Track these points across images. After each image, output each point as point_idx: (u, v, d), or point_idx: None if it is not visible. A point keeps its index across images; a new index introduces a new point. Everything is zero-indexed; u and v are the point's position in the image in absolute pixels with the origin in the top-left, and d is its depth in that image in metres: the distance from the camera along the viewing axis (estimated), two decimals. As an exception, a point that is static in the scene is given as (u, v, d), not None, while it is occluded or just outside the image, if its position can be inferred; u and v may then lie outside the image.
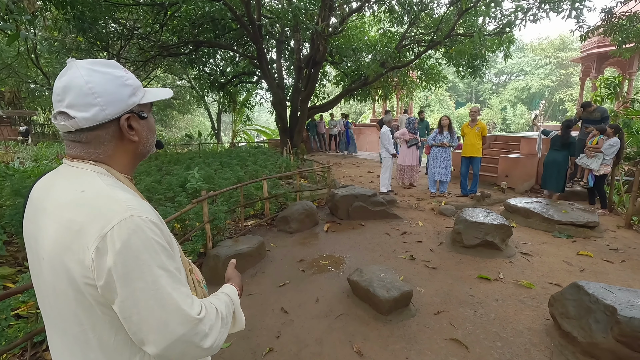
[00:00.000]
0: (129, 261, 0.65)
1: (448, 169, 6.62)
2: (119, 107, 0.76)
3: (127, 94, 0.77)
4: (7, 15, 3.57)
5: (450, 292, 3.18)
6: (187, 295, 0.72)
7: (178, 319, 0.68)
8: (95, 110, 0.73)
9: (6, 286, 2.83)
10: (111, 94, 0.75)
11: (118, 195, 0.71)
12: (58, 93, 0.74)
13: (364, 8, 10.15)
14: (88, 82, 0.73)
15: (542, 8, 7.15)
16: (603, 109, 6.71)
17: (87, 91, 0.72)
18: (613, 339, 2.11)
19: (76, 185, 0.73)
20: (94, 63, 0.76)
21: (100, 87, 0.73)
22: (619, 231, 4.88)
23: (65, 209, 0.70)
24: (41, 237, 0.73)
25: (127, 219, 0.67)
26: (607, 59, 12.17)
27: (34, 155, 10.76)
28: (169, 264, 0.71)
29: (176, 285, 0.70)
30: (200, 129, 23.65)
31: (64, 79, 0.74)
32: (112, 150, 0.79)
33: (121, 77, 0.77)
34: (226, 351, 2.42)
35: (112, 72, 0.76)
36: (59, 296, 0.71)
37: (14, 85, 17.17)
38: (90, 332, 0.71)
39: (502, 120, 35.35)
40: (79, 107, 0.72)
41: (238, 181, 5.78)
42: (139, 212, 0.69)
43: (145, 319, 0.66)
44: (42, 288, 0.76)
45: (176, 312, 0.68)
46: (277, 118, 11.83)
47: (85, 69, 0.74)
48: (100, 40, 9.01)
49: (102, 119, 0.75)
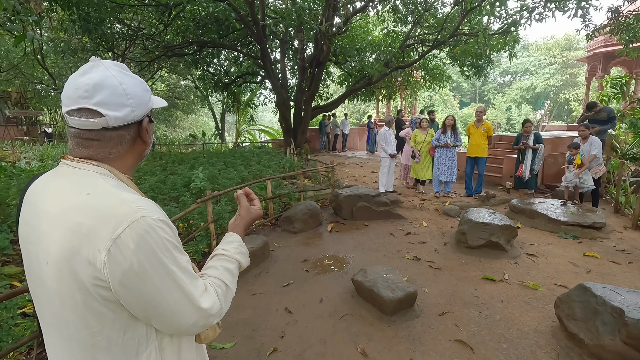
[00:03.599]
0: (144, 261, 0.67)
1: (453, 169, 6.59)
2: (143, 110, 0.81)
3: (148, 98, 0.82)
4: (14, 17, 3.59)
5: (454, 293, 3.17)
6: (200, 288, 0.77)
7: (192, 311, 0.74)
8: (127, 110, 0.76)
9: (13, 285, 2.86)
10: (139, 97, 0.79)
11: (125, 196, 0.71)
12: (86, 90, 0.73)
13: (367, 8, 10.12)
14: (122, 83, 0.76)
15: (548, 7, 7.09)
16: (609, 109, 6.64)
17: (121, 92, 0.75)
18: (621, 341, 2.09)
19: (80, 188, 0.72)
20: (119, 65, 0.79)
21: (132, 89, 0.77)
22: (625, 232, 4.83)
23: (71, 212, 0.69)
24: (44, 242, 0.71)
25: (139, 220, 0.67)
26: (614, 58, 12.06)
27: (40, 155, 10.85)
28: (182, 260, 0.74)
29: (189, 280, 0.74)
30: (204, 129, 23.71)
31: (94, 76, 0.74)
32: (124, 151, 0.81)
33: (143, 82, 0.82)
34: (230, 351, 2.43)
35: (136, 76, 0.81)
36: (65, 301, 0.70)
37: (20, 85, 17.33)
38: (99, 334, 0.71)
39: (506, 120, 35.13)
40: (111, 106, 0.74)
41: (242, 181, 5.80)
42: (149, 212, 0.70)
43: (162, 314, 0.71)
44: (44, 294, 0.74)
45: (191, 305, 0.74)
46: (280, 118, 11.83)
47: (117, 71, 0.77)
48: (106, 41, 9.06)
49: (131, 120, 0.78)
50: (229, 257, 0.92)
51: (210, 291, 0.79)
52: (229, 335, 2.56)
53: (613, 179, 6.53)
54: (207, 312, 0.76)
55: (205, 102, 20.29)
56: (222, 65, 14.06)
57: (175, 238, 0.75)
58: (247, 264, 0.98)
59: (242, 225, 1.04)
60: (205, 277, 0.85)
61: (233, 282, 0.89)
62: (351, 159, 12.19)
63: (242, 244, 0.99)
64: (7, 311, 2.21)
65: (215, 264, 0.90)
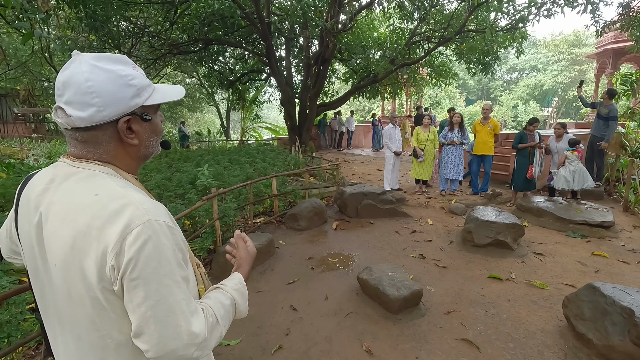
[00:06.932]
0: (144, 266, 0.65)
1: (460, 167, 6.54)
2: (118, 109, 0.72)
3: (129, 95, 0.73)
4: (22, 15, 3.62)
5: (460, 291, 3.14)
6: (190, 311, 0.70)
7: (175, 334, 0.67)
8: (91, 110, 0.69)
9: (21, 280, 2.89)
10: (111, 94, 0.70)
11: (133, 197, 0.70)
12: (58, 87, 0.71)
13: (373, 4, 10.08)
14: (88, 80, 0.68)
15: (557, 3, 7.00)
16: (613, 108, 6.52)
17: (85, 89, 0.68)
18: (630, 342, 2.06)
19: (88, 188, 0.70)
20: (99, 58, 0.71)
21: (100, 86, 0.69)
22: (635, 231, 4.76)
23: (80, 213, 0.67)
24: (52, 243, 0.69)
25: (146, 224, 0.66)
26: (624, 54, 11.86)
27: (48, 152, 10.96)
28: (179, 273, 0.70)
29: (181, 298, 0.69)
30: (209, 126, 23.76)
31: (66, 72, 0.70)
32: (113, 152, 0.76)
33: (125, 76, 0.73)
34: (235, 348, 2.44)
35: (117, 70, 0.72)
36: (74, 302, 0.69)
37: (28, 83, 17.50)
38: (108, 337, 0.70)
39: (513, 118, 34.77)
40: (75, 105, 0.69)
41: (247, 179, 5.81)
42: (156, 215, 0.69)
43: (145, 324, 0.66)
44: (52, 294, 0.73)
45: (175, 327, 0.67)
46: (285, 116, 11.84)
47: (88, 65, 0.70)
48: (112, 39, 9.11)
49: (99, 120, 0.71)
50: (225, 291, 0.86)
51: (200, 316, 0.72)
52: (234, 332, 2.57)
53: (622, 178, 6.44)
54: (193, 338, 0.69)
55: (210, 100, 20.36)
56: (228, 62, 14.09)
57: (178, 244, 0.72)
58: (244, 308, 0.89)
59: (243, 265, 1.00)
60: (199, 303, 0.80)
61: (224, 319, 0.80)
62: (356, 157, 12.15)
63: (243, 283, 0.93)
64: (16, 306, 2.23)
65: (210, 294, 0.84)
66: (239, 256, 1.03)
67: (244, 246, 1.05)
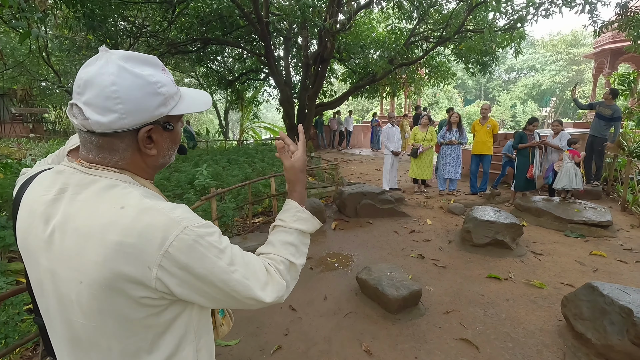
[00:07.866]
0: (199, 268, 0.64)
1: (458, 166, 6.54)
2: (141, 118, 0.66)
3: (155, 104, 0.67)
4: (19, 14, 3.60)
5: (459, 291, 3.15)
6: (262, 280, 0.73)
7: (254, 303, 0.73)
8: (112, 117, 0.64)
9: (19, 281, 2.88)
10: (136, 102, 0.65)
11: (160, 206, 0.65)
12: (79, 84, 0.64)
13: (372, 4, 10.06)
14: (114, 84, 0.63)
15: (555, 3, 7.01)
16: (617, 109, 6.55)
17: (109, 93, 0.63)
18: (629, 341, 2.07)
19: (112, 201, 0.65)
20: (129, 59, 0.66)
21: (126, 92, 0.63)
22: (633, 231, 4.77)
23: (108, 230, 0.62)
24: (74, 259, 0.64)
25: (183, 231, 0.63)
26: (622, 54, 11.90)
27: (45, 152, 10.92)
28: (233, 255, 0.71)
29: (247, 273, 0.71)
30: (207, 126, 23.73)
31: (90, 70, 0.64)
32: (129, 159, 0.71)
33: (155, 83, 0.67)
34: (234, 348, 2.43)
35: (146, 75, 0.66)
36: (105, 316, 0.65)
37: (25, 83, 17.43)
38: (142, 341, 0.68)
39: (511, 118, 34.85)
40: (95, 108, 0.63)
41: (246, 178, 5.80)
42: (189, 221, 0.65)
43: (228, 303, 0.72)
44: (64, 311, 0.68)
45: (251, 298, 0.72)
46: (284, 115, 11.82)
47: (116, 66, 0.64)
48: (110, 38, 9.07)
49: (118, 128, 0.65)
50: (287, 228, 0.86)
51: (272, 278, 0.76)
52: (233, 333, 2.56)
53: (620, 177, 6.46)
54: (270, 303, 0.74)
55: (209, 100, 20.28)
56: (226, 62, 14.07)
57: (215, 235, 0.69)
58: (314, 227, 0.90)
59: (294, 186, 0.92)
60: (265, 257, 0.80)
61: (297, 254, 0.83)
62: (355, 157, 12.16)
63: (300, 208, 0.89)
64: (14, 307, 2.22)
65: (273, 239, 0.85)
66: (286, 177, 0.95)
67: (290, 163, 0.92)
